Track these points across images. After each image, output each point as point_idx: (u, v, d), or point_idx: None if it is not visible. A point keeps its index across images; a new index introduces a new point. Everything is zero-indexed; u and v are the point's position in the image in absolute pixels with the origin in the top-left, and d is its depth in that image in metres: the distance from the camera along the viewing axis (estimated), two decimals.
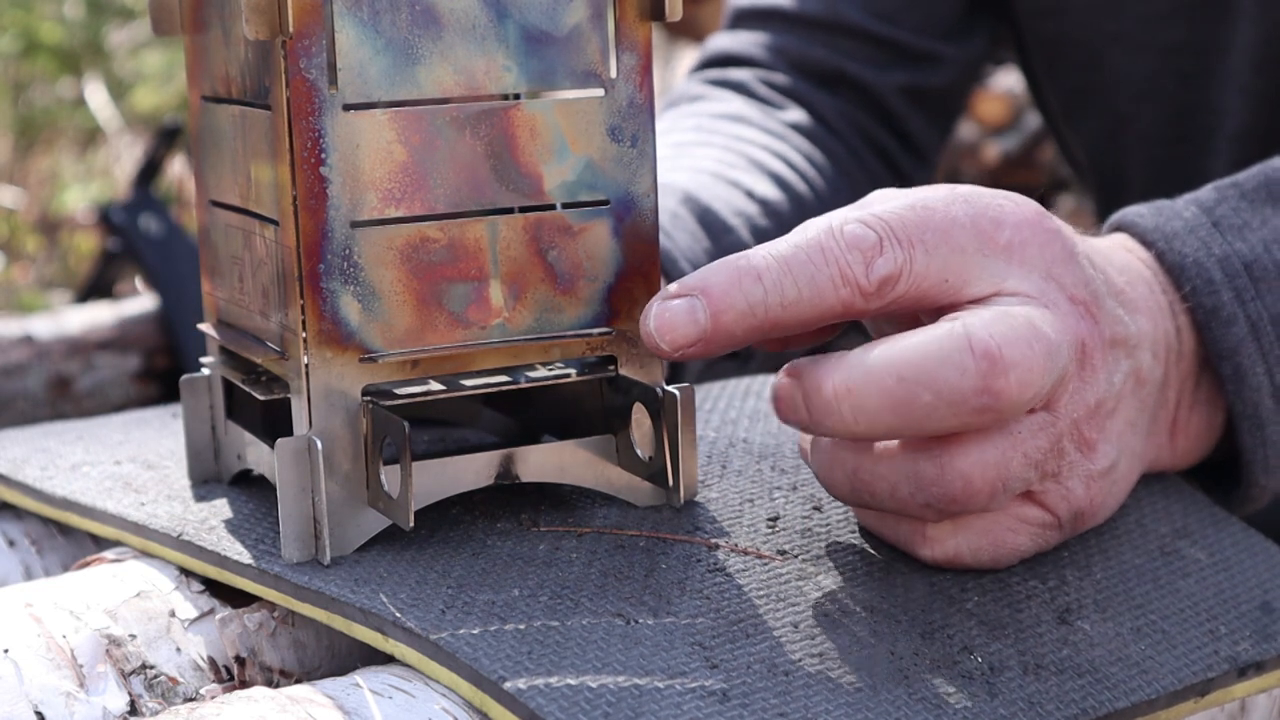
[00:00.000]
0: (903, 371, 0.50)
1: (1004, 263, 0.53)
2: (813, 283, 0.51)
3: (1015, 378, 0.50)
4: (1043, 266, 0.54)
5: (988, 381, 0.50)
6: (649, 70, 0.56)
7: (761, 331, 0.52)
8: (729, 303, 0.51)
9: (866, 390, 0.50)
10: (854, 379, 0.50)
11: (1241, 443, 0.63)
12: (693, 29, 3.04)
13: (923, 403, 0.50)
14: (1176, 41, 0.96)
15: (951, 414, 0.50)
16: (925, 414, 0.50)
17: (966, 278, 0.53)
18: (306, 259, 0.52)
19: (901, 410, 0.50)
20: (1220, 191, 0.65)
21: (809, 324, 0.52)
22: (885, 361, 0.50)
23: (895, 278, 0.52)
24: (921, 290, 0.53)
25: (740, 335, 0.51)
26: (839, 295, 0.52)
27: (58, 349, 1.93)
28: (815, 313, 0.52)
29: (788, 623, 0.51)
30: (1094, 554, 0.58)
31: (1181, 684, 0.52)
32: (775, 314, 0.51)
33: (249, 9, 0.51)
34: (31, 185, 4.14)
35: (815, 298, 0.51)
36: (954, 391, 0.50)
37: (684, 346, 0.52)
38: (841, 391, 0.50)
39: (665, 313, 0.51)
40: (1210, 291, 0.62)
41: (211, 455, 0.62)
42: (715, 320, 0.51)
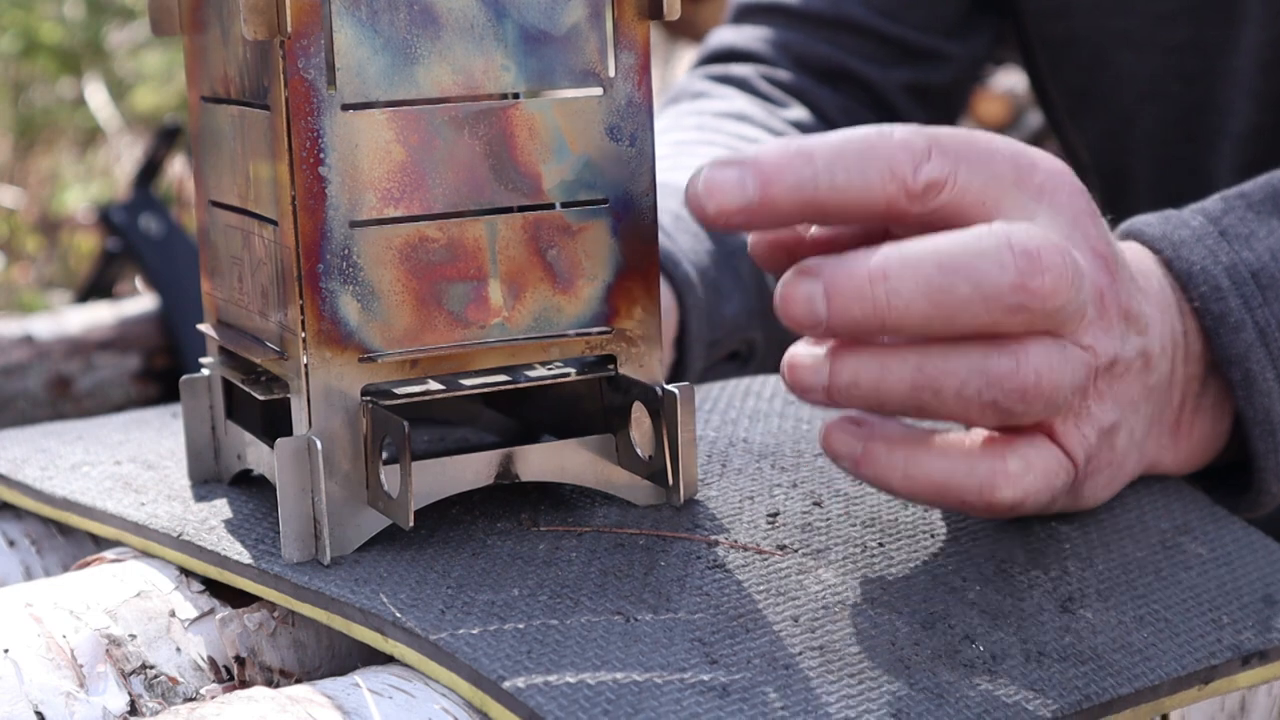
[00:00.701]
0: (943, 260, 0.50)
1: (1035, 201, 0.54)
2: (863, 173, 0.51)
3: (1050, 280, 0.51)
4: (1070, 214, 0.55)
5: (1025, 279, 0.51)
6: (647, 69, 0.56)
7: (806, 213, 0.51)
8: (779, 177, 0.51)
9: (904, 275, 0.50)
10: (891, 264, 0.50)
11: (1254, 449, 0.63)
12: (692, 28, 3.04)
13: (960, 295, 0.50)
14: (1182, 41, 0.96)
15: (985, 310, 0.51)
16: (960, 306, 0.50)
17: (1002, 205, 0.54)
18: (305, 259, 0.52)
19: (937, 299, 0.50)
20: (1227, 202, 0.65)
21: (853, 216, 0.52)
22: (926, 249, 0.50)
23: (940, 185, 0.52)
24: (960, 206, 0.53)
25: (785, 212, 0.51)
26: (886, 191, 0.52)
27: (58, 349, 1.94)
28: (862, 203, 0.52)
29: (788, 617, 0.51)
30: (1096, 547, 0.58)
31: (1185, 671, 0.52)
32: (823, 196, 0.51)
33: (247, 9, 0.51)
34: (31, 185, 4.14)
35: (864, 188, 0.51)
36: (992, 285, 0.50)
37: (729, 214, 0.51)
38: (878, 275, 0.50)
39: (715, 177, 0.51)
40: (1218, 298, 0.62)
41: (211, 455, 0.62)
42: (763, 192, 0.50)
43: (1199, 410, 0.64)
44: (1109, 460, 0.58)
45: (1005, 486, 0.54)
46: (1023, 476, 0.55)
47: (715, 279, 0.84)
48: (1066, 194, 0.56)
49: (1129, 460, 0.60)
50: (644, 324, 0.57)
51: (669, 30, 3.25)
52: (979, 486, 0.54)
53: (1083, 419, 0.56)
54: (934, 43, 1.06)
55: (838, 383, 0.52)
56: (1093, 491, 0.59)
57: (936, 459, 0.54)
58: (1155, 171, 1.01)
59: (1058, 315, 0.52)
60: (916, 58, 1.05)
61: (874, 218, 0.53)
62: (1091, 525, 0.59)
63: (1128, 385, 0.58)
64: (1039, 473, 0.55)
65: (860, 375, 0.52)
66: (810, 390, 0.53)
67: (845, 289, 0.50)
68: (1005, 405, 0.53)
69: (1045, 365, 0.53)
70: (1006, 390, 0.52)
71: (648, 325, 0.57)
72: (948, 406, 0.53)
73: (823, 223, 0.53)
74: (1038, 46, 1.06)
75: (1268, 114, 0.94)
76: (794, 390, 0.53)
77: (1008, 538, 0.58)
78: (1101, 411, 0.57)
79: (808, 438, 0.65)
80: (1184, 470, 0.65)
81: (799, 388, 0.53)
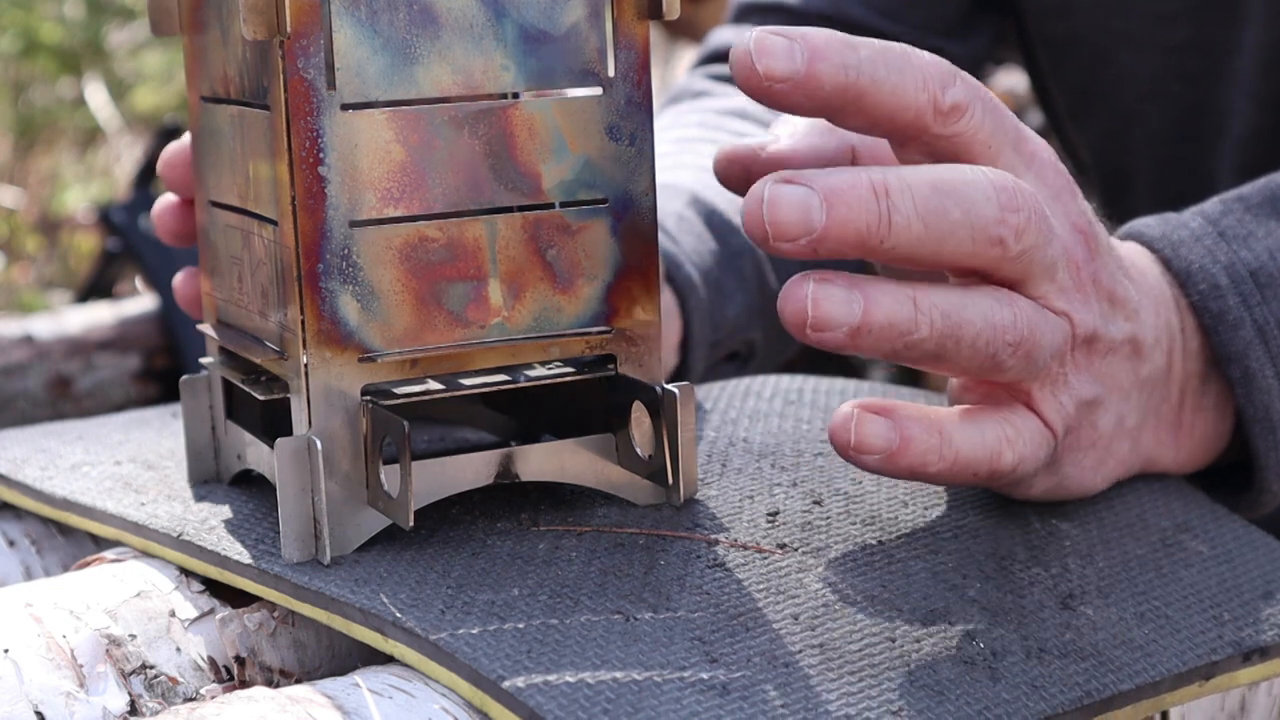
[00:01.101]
0: (937, 183, 0.51)
1: (1025, 166, 0.55)
2: (901, 74, 0.52)
3: (1022, 218, 0.52)
4: (1053, 188, 0.56)
5: (1004, 213, 0.51)
6: (647, 69, 0.56)
7: (845, 99, 0.51)
8: (826, 54, 0.50)
9: (903, 192, 0.50)
10: (890, 179, 0.50)
11: (1254, 447, 0.63)
12: (692, 28, 3.04)
13: (951, 219, 0.50)
14: (1183, 42, 0.96)
15: (970, 238, 0.51)
16: (949, 232, 0.51)
17: (1000, 155, 0.54)
18: (305, 259, 0.52)
19: (931, 221, 0.50)
20: (1225, 204, 0.66)
21: (882, 116, 0.52)
22: (921, 171, 0.51)
23: (963, 110, 0.53)
24: (970, 141, 0.54)
25: (826, 92, 0.51)
26: (918, 99, 0.52)
27: (58, 349, 1.94)
28: (895, 104, 0.52)
29: (788, 615, 0.51)
30: (1096, 544, 0.58)
31: (1185, 667, 0.52)
32: (864, 86, 0.51)
33: (247, 9, 0.51)
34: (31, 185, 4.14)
35: (900, 89, 0.52)
36: (979, 214, 0.51)
37: (775, 79, 0.50)
38: (880, 188, 0.50)
39: (766, 40, 0.50)
40: (1216, 296, 0.62)
41: (211, 455, 0.62)
42: (810, 65, 0.50)
43: (1201, 409, 0.64)
44: (1091, 438, 0.59)
45: (1008, 451, 0.55)
46: (1016, 442, 0.55)
47: (718, 279, 0.84)
48: (1051, 170, 0.57)
49: (1118, 445, 0.60)
50: (644, 324, 0.57)
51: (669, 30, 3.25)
52: (989, 455, 0.55)
53: (1059, 387, 0.57)
54: (934, 43, 1.06)
55: (871, 321, 0.50)
56: (1076, 470, 0.59)
57: (959, 434, 0.54)
58: (1156, 171, 1.01)
59: (1025, 257, 0.53)
60: None
61: (898, 125, 0.53)
62: (1092, 523, 0.59)
63: (1113, 367, 0.59)
64: (1027, 439, 0.56)
65: (896, 315, 0.50)
66: (834, 327, 0.50)
67: (848, 198, 0.49)
68: (1000, 358, 0.53)
69: (1031, 321, 0.54)
70: (1006, 342, 0.53)
71: (648, 325, 0.57)
72: (961, 357, 0.53)
73: (851, 118, 0.52)
74: (1038, 45, 1.06)
75: (1268, 115, 0.94)
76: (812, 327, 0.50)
77: (1008, 535, 0.58)
78: (1079, 383, 0.57)
79: (807, 437, 0.65)
80: (1185, 470, 0.65)
81: (821, 324, 0.50)
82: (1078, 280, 0.56)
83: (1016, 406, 0.56)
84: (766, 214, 0.49)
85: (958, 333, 0.52)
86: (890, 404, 0.53)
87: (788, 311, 0.50)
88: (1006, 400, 0.56)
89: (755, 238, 0.50)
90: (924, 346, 0.51)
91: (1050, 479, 0.59)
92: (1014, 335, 0.53)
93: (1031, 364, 0.54)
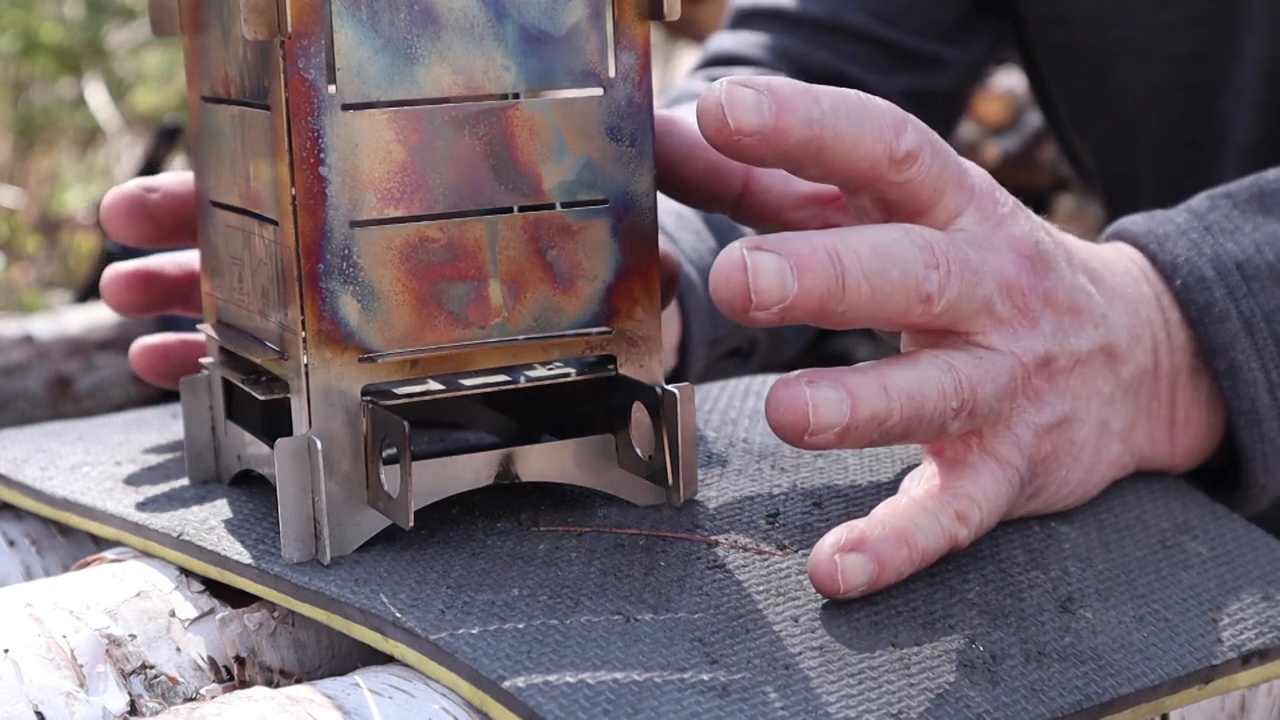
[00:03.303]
0: (876, 245, 0.51)
1: (966, 201, 0.56)
2: (859, 125, 0.52)
3: (943, 273, 0.52)
4: (994, 219, 0.56)
5: (928, 271, 0.52)
6: (648, 69, 0.56)
7: (808, 151, 0.51)
8: (792, 107, 0.51)
9: (850, 256, 0.50)
10: (838, 244, 0.50)
11: (1240, 440, 0.63)
12: (692, 29, 3.04)
13: (890, 279, 0.51)
14: (1184, 52, 0.96)
15: (904, 297, 0.52)
16: (889, 293, 0.51)
17: (944, 196, 0.55)
18: (306, 259, 0.52)
19: (874, 282, 0.51)
20: (1212, 200, 0.66)
21: (840, 167, 0.52)
22: (859, 234, 0.51)
23: (915, 156, 0.53)
24: (919, 186, 0.54)
25: (791, 144, 0.51)
26: (874, 150, 0.52)
27: (58, 349, 1.94)
28: (854, 156, 0.52)
29: (788, 616, 0.51)
30: (1095, 547, 0.58)
31: (1185, 670, 0.52)
32: (828, 139, 0.51)
33: (248, 9, 0.51)
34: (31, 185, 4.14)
35: (859, 141, 0.52)
36: (912, 272, 0.52)
37: (745, 132, 0.51)
38: (833, 253, 0.50)
39: (736, 93, 0.51)
40: (1202, 288, 0.62)
41: (211, 455, 0.62)
42: (777, 119, 0.50)
43: (1194, 404, 0.64)
44: (1070, 454, 0.59)
45: (962, 529, 0.55)
46: (969, 513, 0.55)
47: None
48: (990, 200, 0.56)
49: (1107, 449, 0.60)
50: (644, 324, 0.57)
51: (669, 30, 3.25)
52: (948, 539, 0.55)
53: (1013, 422, 0.56)
54: (933, 48, 1.06)
55: (858, 418, 0.51)
56: (1062, 486, 0.59)
57: (918, 533, 0.54)
58: (1163, 177, 1.01)
59: (952, 308, 0.53)
60: (915, 64, 1.05)
61: (854, 175, 0.53)
62: (1091, 525, 0.59)
63: (1084, 378, 0.59)
64: (983, 499, 0.56)
65: (876, 407, 0.51)
66: (829, 429, 0.51)
67: (811, 264, 0.50)
68: (946, 424, 0.53)
69: (972, 379, 0.54)
70: (951, 409, 0.53)
71: (648, 325, 0.57)
72: (919, 432, 0.53)
73: (811, 170, 0.53)
74: (1039, 53, 1.06)
75: (1271, 124, 0.94)
76: (810, 434, 0.51)
77: (1007, 539, 0.58)
78: (1038, 410, 0.57)
79: None
80: (1183, 465, 0.65)
81: (819, 429, 0.51)
82: (1023, 307, 0.56)
83: (970, 458, 0.56)
84: (753, 282, 0.49)
85: (919, 411, 0.53)
86: (860, 533, 0.53)
87: (787, 420, 0.50)
88: (961, 454, 0.56)
89: (735, 306, 0.50)
90: (894, 431, 0.52)
91: (1033, 503, 0.59)
92: (957, 401, 0.53)
93: (975, 420, 0.55)
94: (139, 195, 0.65)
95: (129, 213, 0.65)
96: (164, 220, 0.65)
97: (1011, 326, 0.56)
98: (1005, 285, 0.55)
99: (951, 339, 0.55)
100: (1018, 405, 0.56)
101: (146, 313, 0.67)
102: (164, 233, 0.65)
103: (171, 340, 0.68)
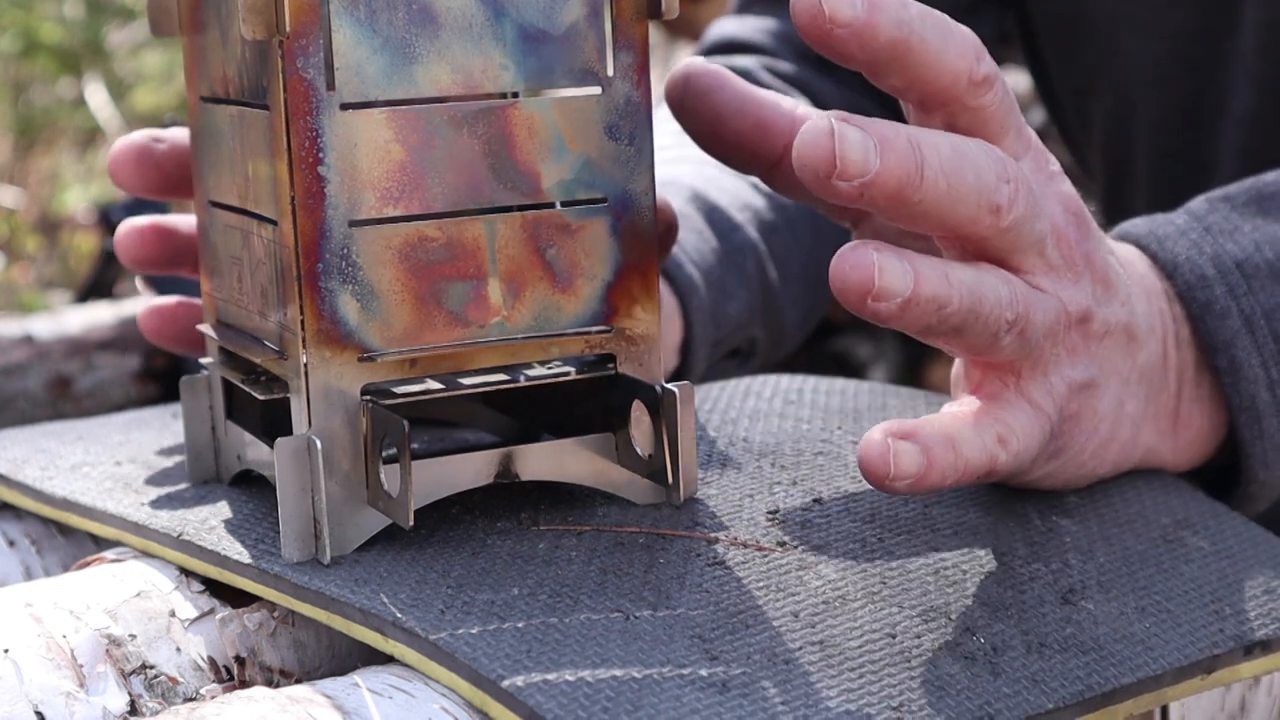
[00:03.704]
0: (955, 145, 0.52)
1: (1023, 149, 0.57)
2: (944, 39, 0.53)
3: (1013, 189, 0.53)
4: (1046, 172, 0.57)
5: (1000, 183, 0.52)
6: (646, 68, 0.56)
7: (895, 53, 0.52)
8: (883, 6, 0.51)
9: (930, 148, 0.51)
10: (919, 136, 0.51)
11: (1240, 436, 0.63)
12: (692, 28, 3.04)
13: (966, 180, 0.52)
14: (1185, 27, 0.96)
15: (976, 202, 0.52)
16: (963, 194, 0.52)
17: (1007, 133, 0.56)
18: (305, 258, 0.52)
19: (951, 179, 0.51)
20: (1211, 202, 0.67)
21: (922, 78, 0.53)
22: (940, 134, 0.52)
23: (991, 83, 0.54)
24: (989, 117, 0.55)
25: (880, 43, 0.51)
26: (956, 66, 0.53)
27: (58, 349, 1.94)
28: (937, 66, 0.53)
29: (788, 612, 0.51)
30: (1096, 540, 0.58)
31: (1187, 661, 0.52)
32: (914, 43, 0.52)
33: (246, 9, 0.51)
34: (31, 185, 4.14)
35: (943, 53, 0.53)
36: (986, 179, 0.52)
37: (837, 22, 0.51)
38: (915, 141, 0.51)
39: None
40: (1203, 286, 0.63)
41: (211, 455, 0.62)
42: (869, 15, 0.51)
43: (1197, 401, 0.64)
44: (1093, 423, 0.59)
45: (1002, 451, 0.55)
46: (1009, 439, 0.55)
47: (720, 277, 0.84)
48: (1044, 157, 0.58)
49: (1121, 431, 0.60)
50: (644, 323, 0.57)
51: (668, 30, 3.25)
52: (989, 457, 0.55)
53: (1049, 369, 0.57)
54: None
55: (920, 292, 0.51)
56: (1078, 454, 0.59)
57: (964, 442, 0.54)
58: (1158, 158, 1.01)
59: (1015, 229, 0.54)
60: None
61: (934, 89, 0.53)
62: (1092, 519, 0.60)
63: (1109, 350, 0.59)
64: (1020, 431, 0.56)
65: (938, 288, 0.51)
66: (892, 297, 0.50)
67: (896, 146, 0.50)
68: (999, 335, 0.54)
69: (1027, 299, 0.54)
70: (1005, 320, 0.54)
71: (647, 324, 0.57)
72: (974, 332, 0.53)
73: (894, 75, 0.53)
74: (1042, 31, 1.06)
75: (1267, 97, 0.94)
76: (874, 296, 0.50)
77: (1008, 531, 0.58)
78: (1072, 365, 0.57)
79: (807, 437, 0.65)
80: (1184, 463, 0.65)
81: (882, 294, 0.50)
82: (1069, 259, 0.57)
83: (1008, 395, 0.57)
84: (839, 148, 0.49)
85: (978, 308, 0.53)
86: (911, 426, 0.53)
87: (851, 280, 0.50)
88: (999, 390, 0.57)
89: (819, 171, 0.50)
90: (952, 320, 0.52)
91: (1051, 463, 0.59)
92: (1012, 313, 0.54)
93: (1025, 343, 0.55)
94: (147, 145, 0.65)
95: (136, 161, 0.65)
96: (170, 170, 0.65)
97: (1059, 274, 0.56)
98: (1057, 231, 0.56)
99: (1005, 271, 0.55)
100: (1056, 354, 0.57)
101: (159, 269, 0.67)
102: (171, 183, 0.66)
103: (180, 302, 0.68)
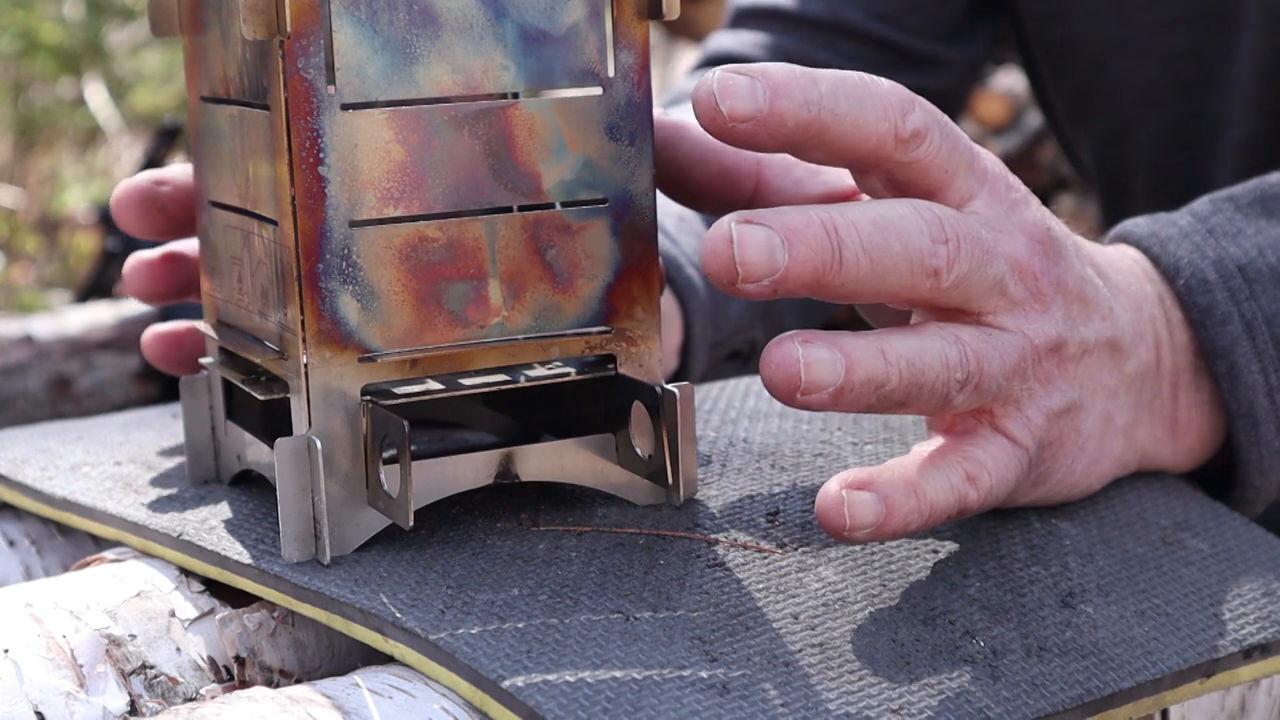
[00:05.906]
0: (876, 218, 0.51)
1: (978, 184, 0.55)
2: (862, 105, 0.52)
3: (952, 248, 0.52)
4: (1007, 202, 0.56)
5: (935, 245, 0.52)
6: (647, 69, 0.56)
7: (809, 133, 0.51)
8: (787, 91, 0.51)
9: (848, 229, 0.50)
10: (836, 218, 0.50)
11: (1237, 441, 0.63)
12: (692, 29, 3.04)
13: (892, 253, 0.51)
14: (1179, 50, 0.96)
15: (909, 272, 0.52)
16: (891, 266, 0.51)
17: (955, 179, 0.55)
18: (305, 259, 0.52)
19: (875, 256, 0.51)
20: (1215, 203, 0.66)
21: (844, 148, 0.52)
22: (858, 208, 0.51)
23: (922, 136, 0.53)
24: (928, 167, 0.54)
25: (789, 128, 0.51)
26: (878, 129, 0.52)
27: (58, 349, 1.94)
28: (857, 136, 0.52)
29: (787, 614, 0.51)
30: (1096, 543, 0.58)
31: (1186, 664, 0.52)
32: (825, 120, 0.51)
33: (247, 9, 0.51)
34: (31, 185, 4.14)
35: (861, 120, 0.52)
36: (916, 247, 0.51)
37: (739, 119, 0.50)
38: (830, 226, 0.50)
39: (729, 80, 0.50)
40: (1204, 291, 0.63)
41: (211, 455, 0.62)
42: (772, 104, 0.50)
43: (1196, 404, 0.64)
44: (1077, 444, 0.59)
45: (971, 490, 0.55)
46: (980, 476, 0.55)
47: None
48: (1003, 185, 0.56)
49: (1110, 444, 0.60)
50: (644, 323, 0.57)
51: (669, 30, 3.25)
52: (957, 498, 0.55)
53: (1024, 403, 0.56)
54: (931, 48, 1.06)
55: (853, 379, 0.51)
56: (1067, 476, 0.59)
57: (928, 485, 0.54)
58: (1156, 176, 1.01)
59: (962, 284, 0.53)
60: (914, 63, 1.05)
61: (860, 155, 0.53)
62: (1092, 522, 0.60)
63: (1091, 369, 0.59)
64: (992, 467, 0.56)
65: (873, 370, 0.51)
66: (822, 389, 0.50)
67: (805, 236, 0.50)
68: (950, 395, 0.53)
69: (979, 353, 0.54)
70: (955, 380, 0.53)
71: (647, 325, 0.57)
72: (921, 400, 0.53)
73: (814, 152, 0.52)
74: (1037, 51, 1.06)
75: (1267, 122, 0.94)
76: (802, 392, 0.50)
77: (1008, 535, 0.58)
78: (1049, 394, 0.57)
79: (807, 438, 0.65)
80: (1185, 465, 0.65)
81: (811, 388, 0.50)
82: (1034, 290, 0.56)
83: (981, 431, 0.56)
84: (738, 254, 0.49)
85: (920, 379, 0.52)
86: (868, 475, 0.53)
87: (778, 378, 0.50)
88: (972, 427, 0.56)
89: (721, 279, 0.50)
90: (893, 397, 0.52)
91: (1038, 489, 0.59)
92: (962, 373, 0.53)
93: (982, 394, 0.54)
94: (150, 188, 0.65)
95: (140, 206, 0.65)
96: (175, 213, 0.65)
97: (1024, 308, 0.56)
98: (1018, 267, 0.55)
99: (963, 318, 0.55)
100: (1029, 387, 0.56)
101: (173, 299, 0.67)
102: (175, 225, 0.66)
103: (184, 328, 0.68)
